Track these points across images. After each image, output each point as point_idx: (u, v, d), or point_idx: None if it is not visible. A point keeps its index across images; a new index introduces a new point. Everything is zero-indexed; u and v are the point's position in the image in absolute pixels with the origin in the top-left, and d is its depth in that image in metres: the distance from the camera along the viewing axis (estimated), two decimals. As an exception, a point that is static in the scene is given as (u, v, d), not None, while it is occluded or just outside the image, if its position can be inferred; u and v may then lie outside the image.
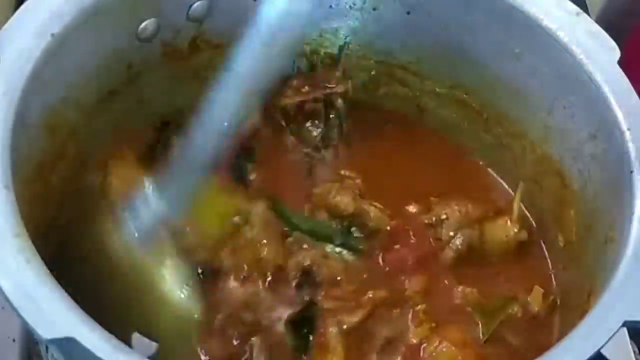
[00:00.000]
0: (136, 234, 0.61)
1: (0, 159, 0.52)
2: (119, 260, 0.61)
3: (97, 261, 0.61)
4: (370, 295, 0.64)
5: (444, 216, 0.69)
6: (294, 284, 0.64)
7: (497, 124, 0.73)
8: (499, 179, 0.75)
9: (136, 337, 0.57)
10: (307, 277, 0.65)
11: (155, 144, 0.70)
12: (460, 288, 0.67)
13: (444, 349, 0.62)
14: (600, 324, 0.52)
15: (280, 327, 0.62)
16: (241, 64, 0.60)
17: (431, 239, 0.69)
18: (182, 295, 0.61)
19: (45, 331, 0.45)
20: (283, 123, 0.73)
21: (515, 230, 0.68)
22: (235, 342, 0.62)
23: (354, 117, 0.76)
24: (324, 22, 0.74)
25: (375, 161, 0.74)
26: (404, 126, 0.77)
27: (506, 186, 0.74)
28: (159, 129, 0.71)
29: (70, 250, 0.61)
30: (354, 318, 0.63)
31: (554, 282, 0.69)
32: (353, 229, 0.68)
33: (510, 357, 0.65)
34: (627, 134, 0.60)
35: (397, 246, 0.68)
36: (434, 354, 0.62)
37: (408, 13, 0.72)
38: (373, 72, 0.77)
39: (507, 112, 0.72)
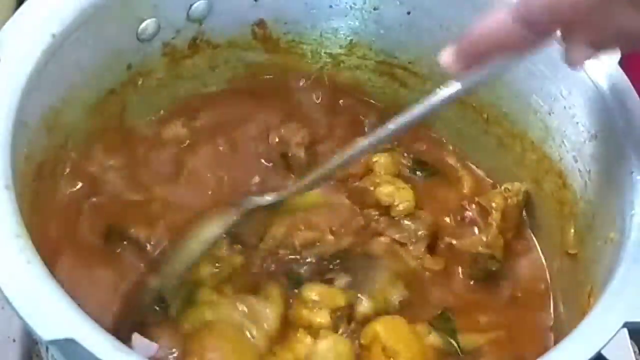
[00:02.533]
0: None
1: (0, 159, 0.52)
2: None
3: None
4: None
5: None
6: None
7: (497, 124, 0.73)
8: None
9: (136, 337, 0.57)
10: None
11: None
12: None
13: None
14: (601, 325, 0.52)
15: None
16: None
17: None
18: None
19: (45, 332, 0.45)
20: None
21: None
22: None
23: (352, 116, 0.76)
24: (324, 22, 0.74)
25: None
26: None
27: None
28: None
29: None
30: None
31: (555, 282, 0.69)
32: None
33: None
34: (628, 134, 0.60)
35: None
36: None
37: (408, 13, 0.72)
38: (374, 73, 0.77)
39: (507, 112, 0.72)
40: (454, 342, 0.63)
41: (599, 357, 0.50)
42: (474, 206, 0.71)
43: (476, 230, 0.70)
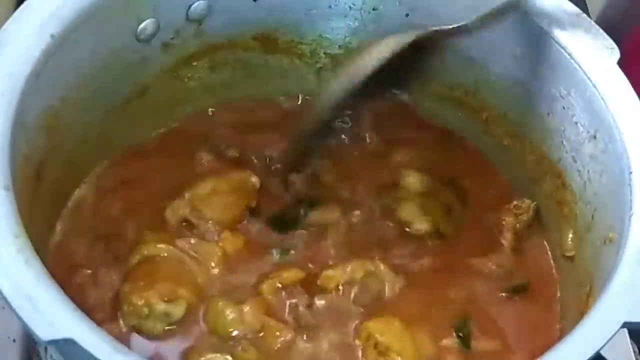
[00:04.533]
0: None
1: (-1, 159, 0.52)
2: None
3: None
4: None
5: None
6: None
7: (497, 124, 0.73)
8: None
9: (135, 337, 0.57)
10: None
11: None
12: None
13: None
14: (600, 325, 0.52)
15: None
16: None
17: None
18: None
19: (44, 332, 0.45)
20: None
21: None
22: None
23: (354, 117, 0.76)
24: (323, 23, 0.74)
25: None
26: (403, 126, 0.77)
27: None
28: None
29: None
30: None
31: (554, 283, 0.69)
32: None
33: None
34: (627, 134, 0.60)
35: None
36: None
37: (407, 15, 0.72)
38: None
39: (507, 112, 0.72)
40: (463, 342, 0.64)
41: (598, 357, 0.50)
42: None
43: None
